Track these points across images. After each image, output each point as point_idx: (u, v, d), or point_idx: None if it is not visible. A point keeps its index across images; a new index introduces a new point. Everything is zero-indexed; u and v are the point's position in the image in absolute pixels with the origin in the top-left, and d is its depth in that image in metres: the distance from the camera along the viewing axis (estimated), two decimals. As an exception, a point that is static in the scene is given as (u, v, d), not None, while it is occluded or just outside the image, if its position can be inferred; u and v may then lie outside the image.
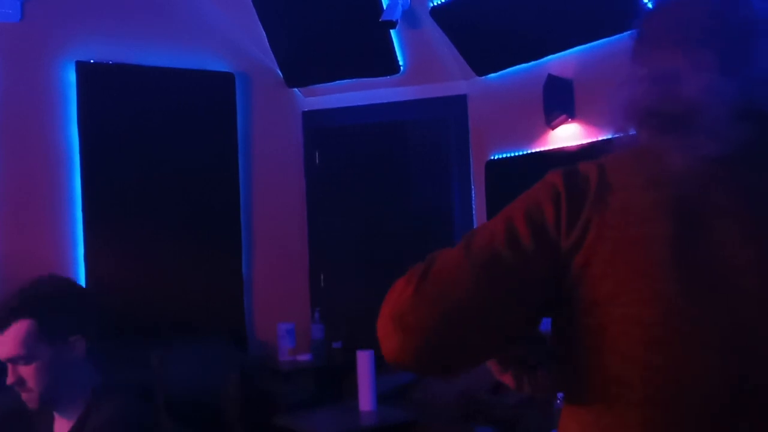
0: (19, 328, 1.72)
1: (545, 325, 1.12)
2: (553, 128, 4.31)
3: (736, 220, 0.99)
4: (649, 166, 1.06)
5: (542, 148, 4.39)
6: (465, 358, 1.07)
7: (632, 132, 1.15)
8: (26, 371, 1.72)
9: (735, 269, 0.96)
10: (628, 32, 1.28)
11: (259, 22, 4.88)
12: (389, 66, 4.85)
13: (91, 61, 4.51)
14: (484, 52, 4.61)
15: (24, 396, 1.74)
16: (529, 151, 4.47)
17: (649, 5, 3.68)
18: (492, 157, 4.72)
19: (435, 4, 4.49)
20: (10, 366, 1.74)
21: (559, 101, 4.20)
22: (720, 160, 1.01)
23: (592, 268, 1.00)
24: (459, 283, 1.04)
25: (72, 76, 4.47)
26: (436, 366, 1.10)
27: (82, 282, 4.34)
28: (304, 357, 4.81)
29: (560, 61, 4.27)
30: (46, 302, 1.77)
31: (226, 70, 4.96)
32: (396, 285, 1.15)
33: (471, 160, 4.90)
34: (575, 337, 1.03)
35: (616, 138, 1.18)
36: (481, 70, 4.73)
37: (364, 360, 3.84)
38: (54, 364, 1.73)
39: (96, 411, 1.73)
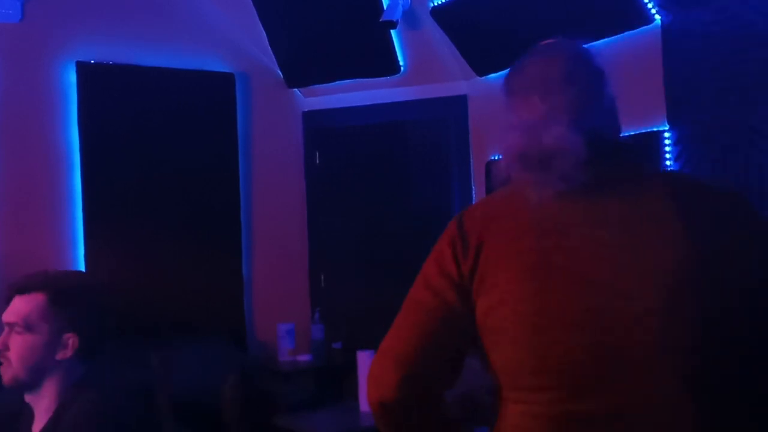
0: (33, 299, 1.77)
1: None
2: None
3: (580, 231, 1.30)
4: (516, 198, 1.36)
5: (542, 149, 4.39)
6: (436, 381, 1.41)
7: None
8: (16, 341, 1.74)
9: (583, 265, 1.28)
10: (629, 32, 1.47)
11: (259, 22, 4.88)
12: (389, 66, 4.85)
13: (92, 61, 4.51)
14: (485, 52, 4.61)
15: (2, 368, 1.75)
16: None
17: (651, 7, 3.68)
18: (493, 158, 4.72)
19: (435, 4, 4.49)
20: (5, 330, 1.77)
21: (560, 101, 4.19)
22: (570, 191, 1.31)
23: (485, 282, 1.31)
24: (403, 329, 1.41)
25: (72, 77, 4.47)
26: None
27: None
28: (304, 357, 4.81)
29: (560, 61, 4.26)
30: (67, 292, 1.80)
31: (227, 70, 4.96)
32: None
33: (471, 160, 4.90)
34: (485, 339, 1.34)
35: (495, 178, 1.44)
36: (482, 70, 4.72)
37: (364, 360, 3.84)
38: (42, 349, 1.75)
39: (72, 406, 1.73)
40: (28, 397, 1.80)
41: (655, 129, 3.65)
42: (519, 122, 1.40)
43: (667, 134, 3.62)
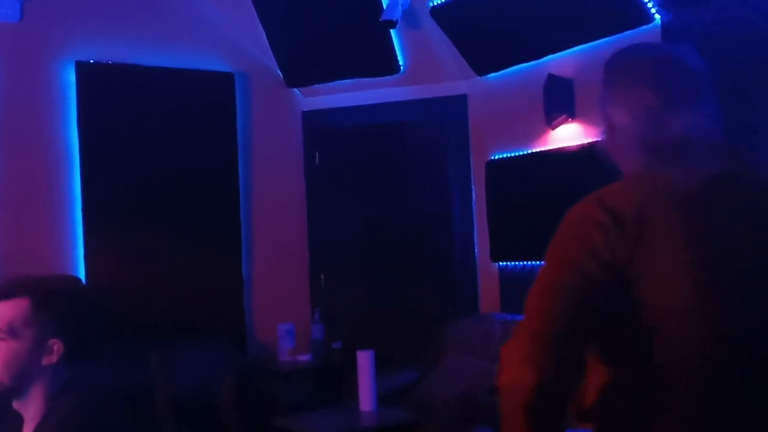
0: (16, 305, 1.73)
1: None
2: (553, 128, 4.30)
3: (726, 222, 1.34)
4: (658, 186, 1.37)
5: (542, 148, 4.39)
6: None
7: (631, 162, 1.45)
8: (0, 347, 1.72)
9: (735, 258, 1.33)
10: (628, 32, 1.49)
11: (258, 22, 4.87)
12: (389, 66, 4.85)
13: (91, 61, 4.50)
14: (484, 52, 4.60)
15: None
16: (529, 151, 4.47)
17: (651, 7, 3.68)
18: (492, 157, 4.72)
19: (435, 3, 4.48)
20: None
21: (560, 101, 4.19)
22: (709, 180, 1.36)
23: (644, 270, 1.31)
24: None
25: (71, 76, 4.46)
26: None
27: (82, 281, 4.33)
28: (304, 357, 4.80)
29: (560, 61, 4.26)
30: (50, 297, 1.77)
31: (226, 70, 4.96)
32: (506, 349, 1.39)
33: (471, 160, 4.89)
34: (634, 326, 1.33)
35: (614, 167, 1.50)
36: (481, 69, 4.72)
37: (364, 360, 3.84)
38: (27, 355, 1.73)
39: (55, 410, 1.72)
40: (16, 404, 1.78)
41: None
42: (639, 111, 1.42)
43: (667, 134, 3.61)
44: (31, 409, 1.75)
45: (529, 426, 1.30)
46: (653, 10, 3.69)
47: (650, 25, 3.72)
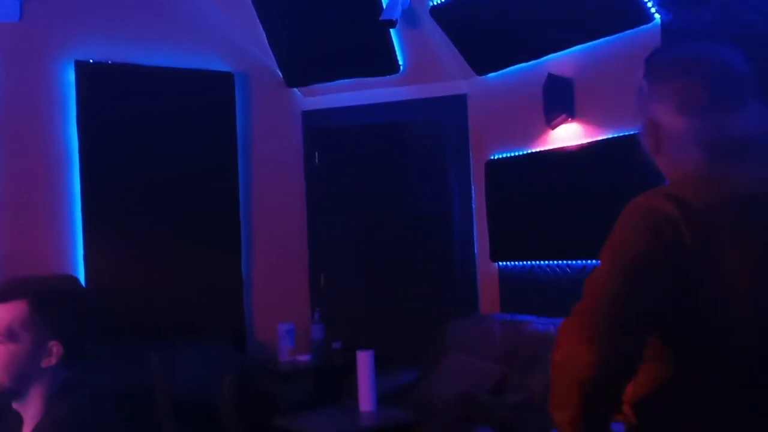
0: (14, 307, 1.72)
1: None
2: (553, 128, 4.30)
3: None
4: (721, 188, 1.36)
5: (542, 148, 4.39)
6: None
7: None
8: None
9: None
10: (628, 31, 1.48)
11: (258, 22, 4.87)
12: (389, 66, 4.85)
13: (91, 60, 4.50)
14: (484, 52, 4.60)
15: None
16: (529, 151, 4.47)
17: (651, 6, 3.68)
18: (492, 157, 4.71)
19: (435, 3, 4.48)
20: None
21: (559, 101, 4.19)
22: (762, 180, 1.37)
23: (709, 267, 1.31)
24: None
25: (71, 76, 4.46)
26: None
27: (82, 282, 4.32)
28: (303, 357, 4.80)
29: (560, 61, 4.26)
30: (48, 298, 1.76)
31: (226, 69, 4.96)
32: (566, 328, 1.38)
33: (471, 159, 4.89)
34: (698, 318, 1.34)
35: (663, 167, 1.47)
36: (481, 69, 4.72)
37: (364, 360, 3.84)
38: (26, 357, 1.72)
39: (53, 410, 1.72)
40: (15, 405, 1.78)
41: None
42: (692, 109, 1.40)
43: (666, 134, 3.61)
44: (30, 409, 1.75)
45: (582, 405, 1.28)
46: (653, 10, 3.69)
47: (650, 25, 3.72)
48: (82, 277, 4.36)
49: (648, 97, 1.48)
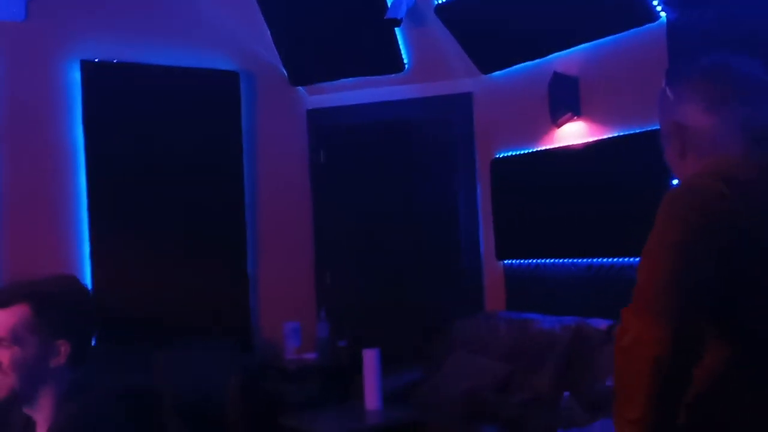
0: (16, 312, 1.73)
1: None
2: (558, 126, 4.30)
3: None
4: (763, 169, 1.39)
5: (548, 146, 4.38)
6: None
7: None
8: (6, 356, 1.71)
9: None
10: (634, 30, 1.52)
11: (263, 21, 4.87)
12: (394, 64, 4.84)
13: (96, 60, 4.51)
14: (490, 50, 4.60)
15: None
16: (534, 149, 4.46)
17: (657, 5, 3.67)
18: (497, 155, 4.71)
19: (440, 2, 4.48)
20: None
21: (565, 99, 4.19)
22: None
23: (757, 248, 1.33)
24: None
25: (77, 75, 4.47)
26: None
27: (88, 281, 4.34)
28: (309, 356, 4.81)
29: (566, 59, 4.25)
30: (50, 299, 1.77)
31: (231, 68, 4.96)
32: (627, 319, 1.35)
33: (476, 158, 4.89)
34: (758, 300, 1.34)
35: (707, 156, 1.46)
36: (487, 67, 4.71)
37: (370, 359, 3.84)
38: (34, 360, 1.73)
39: (64, 412, 1.72)
40: (27, 410, 1.78)
41: (659, 127, 3.64)
42: (724, 109, 1.44)
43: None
44: (42, 412, 1.76)
45: (655, 393, 1.25)
46: (659, 8, 3.68)
47: (656, 24, 3.71)
48: (88, 277, 4.37)
49: (674, 100, 1.51)
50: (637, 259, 1.39)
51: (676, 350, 1.25)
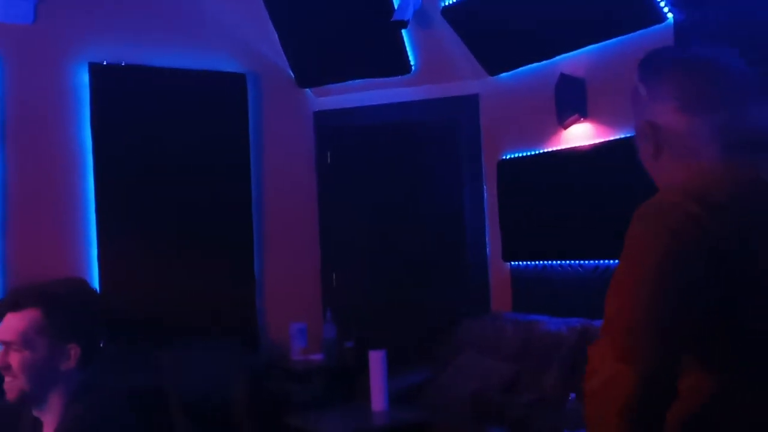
0: (27, 315, 1.74)
1: None
2: (565, 128, 4.30)
3: None
4: (743, 181, 1.26)
5: (554, 148, 4.38)
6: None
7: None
8: (16, 359, 1.72)
9: None
10: (641, 31, 1.42)
11: (270, 23, 4.88)
12: (400, 66, 4.85)
13: (104, 62, 4.53)
14: (496, 52, 4.60)
15: (6, 383, 1.74)
16: (541, 151, 4.46)
17: (664, 6, 3.67)
18: (504, 157, 4.71)
19: (446, 4, 4.48)
20: (3, 349, 1.74)
21: (572, 100, 4.19)
22: None
23: (747, 265, 1.20)
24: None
25: (85, 78, 4.49)
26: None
27: (96, 282, 4.36)
28: (316, 356, 4.81)
29: (572, 60, 4.25)
30: (60, 303, 1.78)
31: (238, 70, 4.97)
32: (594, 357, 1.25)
33: (483, 159, 4.89)
34: (737, 324, 1.21)
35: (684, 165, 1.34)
36: (493, 69, 4.72)
37: (376, 360, 3.84)
38: (45, 363, 1.74)
39: (71, 413, 1.73)
40: (36, 412, 1.79)
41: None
42: (701, 106, 1.31)
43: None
44: (50, 414, 1.77)
45: None
46: (666, 9, 3.68)
47: (662, 25, 3.71)
48: (96, 278, 4.39)
49: (647, 98, 1.38)
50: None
51: (648, 394, 1.16)
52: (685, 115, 1.32)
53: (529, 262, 4.58)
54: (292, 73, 5.16)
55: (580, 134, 4.23)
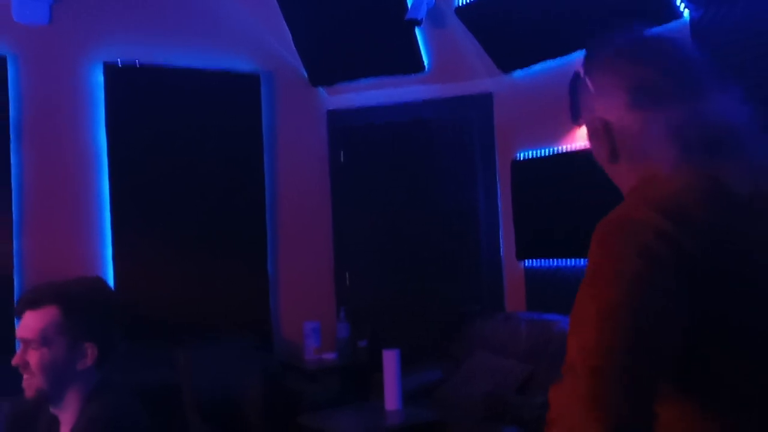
0: (46, 314, 1.75)
1: None
2: (580, 126, 4.26)
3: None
4: (711, 186, 1.11)
5: (569, 147, 4.36)
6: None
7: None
8: (35, 357, 1.73)
9: None
10: (656, 28, 1.29)
11: (284, 22, 4.89)
12: (414, 64, 4.84)
13: (119, 62, 4.55)
14: (510, 50, 4.58)
15: (25, 381, 1.75)
16: (555, 149, 4.44)
17: (680, 2, 3.63)
18: (518, 156, 4.69)
19: (460, 3, 4.47)
20: (22, 346, 1.76)
21: (586, 98, 4.15)
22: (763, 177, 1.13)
23: (717, 284, 1.06)
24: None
25: (99, 78, 4.51)
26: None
27: (111, 281, 4.38)
28: (329, 356, 4.81)
29: (587, 58, 4.22)
30: (79, 302, 1.79)
31: (252, 70, 4.98)
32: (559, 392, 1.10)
33: (496, 158, 4.87)
34: (714, 348, 1.07)
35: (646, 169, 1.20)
36: (507, 67, 4.70)
37: (389, 359, 3.84)
38: (63, 361, 1.75)
39: (87, 411, 1.74)
40: (53, 410, 1.80)
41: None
42: (650, 101, 1.16)
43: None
44: (67, 412, 1.78)
45: None
46: (682, 6, 3.65)
47: (679, 21, 3.68)
48: (111, 277, 4.41)
49: (594, 93, 1.24)
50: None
51: None
52: (637, 112, 1.18)
53: (543, 262, 4.56)
54: (305, 72, 5.16)
55: (595, 133, 4.19)
